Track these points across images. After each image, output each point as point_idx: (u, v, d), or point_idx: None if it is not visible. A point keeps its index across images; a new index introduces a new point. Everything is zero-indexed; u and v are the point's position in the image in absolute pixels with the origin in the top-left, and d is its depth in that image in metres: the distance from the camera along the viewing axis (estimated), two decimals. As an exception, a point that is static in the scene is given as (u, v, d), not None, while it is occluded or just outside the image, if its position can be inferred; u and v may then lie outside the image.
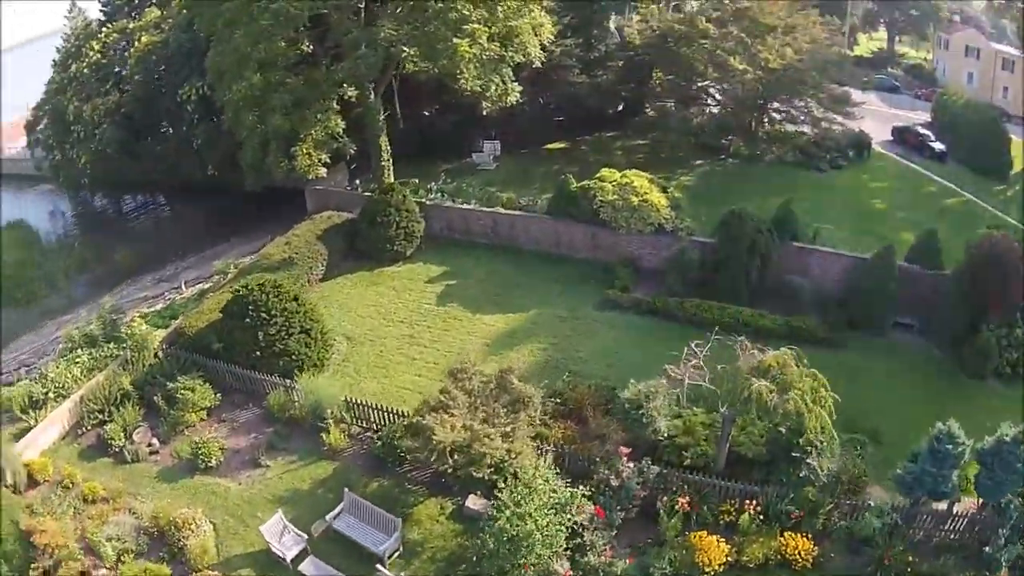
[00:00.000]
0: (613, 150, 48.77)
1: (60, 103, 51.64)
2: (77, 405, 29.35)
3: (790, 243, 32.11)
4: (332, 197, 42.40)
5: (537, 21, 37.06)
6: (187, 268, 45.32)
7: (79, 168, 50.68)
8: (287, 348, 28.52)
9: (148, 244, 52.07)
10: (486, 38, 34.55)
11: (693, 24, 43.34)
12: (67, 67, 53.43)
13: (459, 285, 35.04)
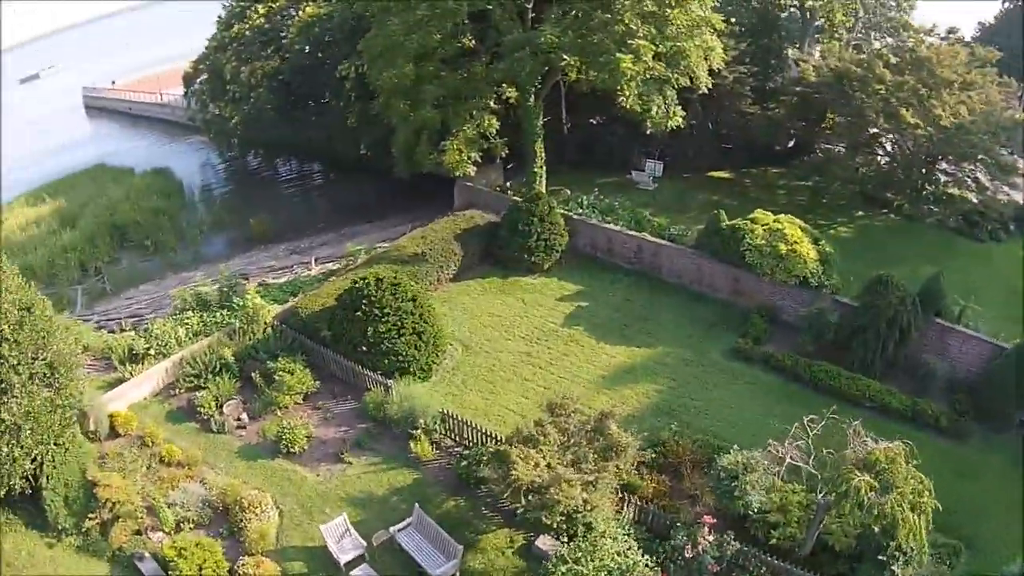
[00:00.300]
0: (777, 187, 49.27)
1: (219, 61, 57.10)
2: (176, 366, 32.83)
3: (933, 319, 31.81)
4: (480, 196, 44.97)
5: (708, 45, 37.83)
6: (323, 244, 49.18)
7: (230, 127, 56.13)
8: (395, 348, 30.75)
9: (291, 212, 56.73)
10: (651, 56, 35.78)
11: (870, 68, 43.77)
12: (230, 25, 58.90)
13: (589, 308, 36.49)
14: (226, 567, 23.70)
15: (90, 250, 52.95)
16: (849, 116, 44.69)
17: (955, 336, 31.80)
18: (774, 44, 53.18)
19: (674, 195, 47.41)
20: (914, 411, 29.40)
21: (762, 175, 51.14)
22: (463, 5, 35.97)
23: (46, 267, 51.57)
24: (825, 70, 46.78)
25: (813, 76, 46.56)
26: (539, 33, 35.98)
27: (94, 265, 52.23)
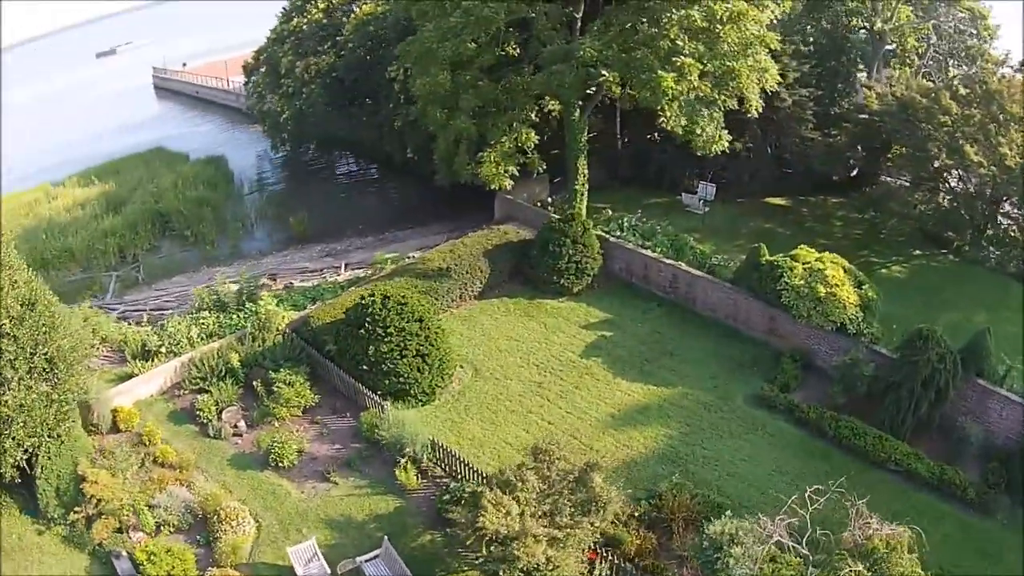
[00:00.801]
0: (834, 218, 47.63)
1: (276, 54, 58.15)
2: (184, 366, 33.61)
3: (974, 379, 29.99)
4: (520, 209, 44.72)
5: (761, 65, 36.52)
6: (359, 248, 49.62)
7: (281, 121, 56.96)
8: (396, 369, 30.62)
9: (335, 211, 57.33)
10: (697, 75, 34.62)
11: (937, 99, 42.08)
12: (290, 18, 59.88)
13: (613, 339, 35.70)
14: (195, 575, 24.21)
15: (131, 236, 54.61)
16: (911, 148, 43.22)
17: (996, 399, 29.92)
18: (842, 67, 52.08)
19: (725, 220, 46.19)
20: (941, 479, 27.75)
21: (821, 204, 49.48)
22: (500, 13, 35.33)
23: (85, 251, 53.46)
24: (890, 98, 45.31)
25: (876, 104, 45.08)
26: (579, 46, 35.23)
27: (133, 252, 53.69)
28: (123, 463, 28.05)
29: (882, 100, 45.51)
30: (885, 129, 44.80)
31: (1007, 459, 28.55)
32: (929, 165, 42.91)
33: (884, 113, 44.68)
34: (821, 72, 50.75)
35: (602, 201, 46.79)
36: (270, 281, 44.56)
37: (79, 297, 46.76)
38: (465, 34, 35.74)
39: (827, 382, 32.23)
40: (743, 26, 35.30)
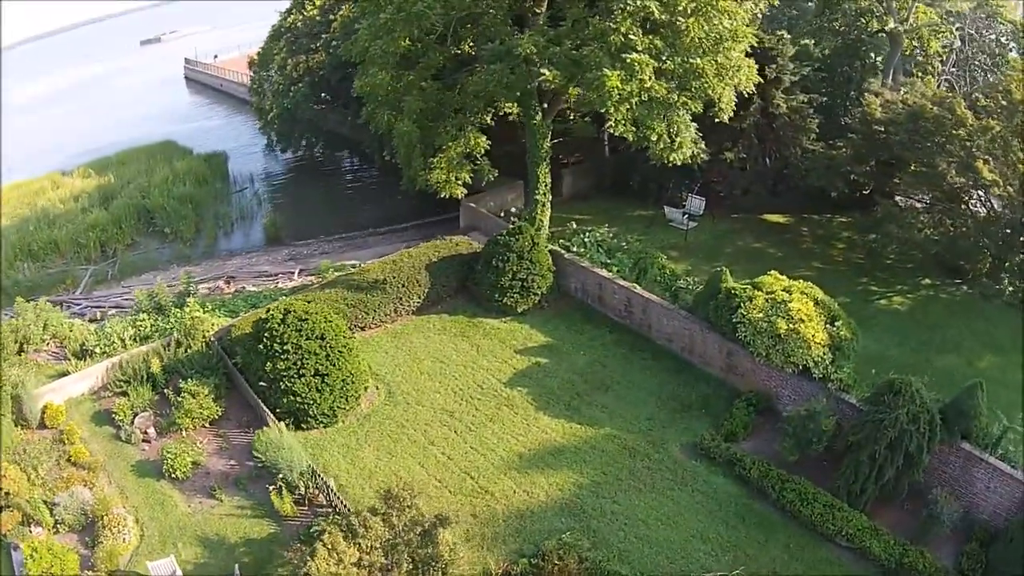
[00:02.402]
0: (836, 239, 42.88)
1: (271, 51, 56.14)
2: (113, 367, 32.87)
3: (959, 441, 25.14)
4: (483, 219, 41.89)
5: (733, 63, 32.22)
6: (324, 253, 47.07)
7: (269, 119, 54.93)
8: (293, 388, 28.34)
9: (314, 212, 55.26)
10: (650, 73, 30.40)
11: (950, 108, 36.95)
12: (289, 14, 57.87)
13: (547, 367, 32.16)
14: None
15: (113, 231, 53.24)
16: (919, 164, 38.28)
17: (983, 468, 25.01)
18: (855, 72, 48.11)
19: (710, 238, 42.20)
20: (900, 562, 23.16)
21: (825, 223, 44.76)
22: (435, 8, 31.99)
23: (69, 243, 52.30)
24: (899, 106, 40.37)
25: (879, 112, 40.20)
26: (517, 42, 31.64)
27: (113, 247, 52.25)
28: (35, 459, 28.36)
29: (889, 108, 40.66)
30: (891, 142, 39.78)
31: (989, 541, 23.97)
32: (941, 183, 37.75)
33: (890, 123, 39.85)
34: (832, 78, 47.21)
35: (584, 212, 43.37)
36: (224, 285, 42.42)
37: (53, 290, 46.62)
38: (398, 31, 32.65)
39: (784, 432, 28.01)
40: (711, 19, 31.22)
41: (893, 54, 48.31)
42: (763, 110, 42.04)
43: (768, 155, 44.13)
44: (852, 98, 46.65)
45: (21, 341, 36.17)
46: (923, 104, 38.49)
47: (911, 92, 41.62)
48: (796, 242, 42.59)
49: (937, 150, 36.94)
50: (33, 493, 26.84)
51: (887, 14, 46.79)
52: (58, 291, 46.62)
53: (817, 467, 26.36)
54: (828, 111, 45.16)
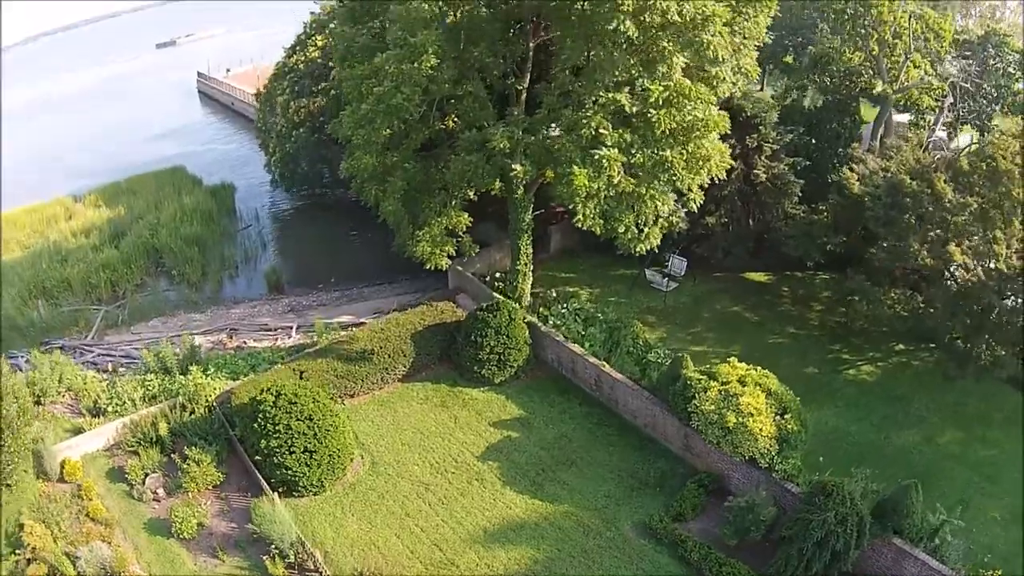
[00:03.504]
0: (816, 299, 47.06)
1: (274, 91, 60.89)
2: (125, 427, 38.37)
3: (891, 536, 29.36)
4: (469, 282, 46.47)
5: (704, 152, 35.06)
6: (322, 305, 52.16)
7: (272, 161, 59.85)
8: (284, 463, 33.37)
9: (314, 258, 60.22)
10: (619, 168, 34.00)
11: (930, 183, 39.60)
12: (293, 54, 62.50)
13: (518, 441, 36.93)
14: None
15: (123, 271, 58.40)
16: (891, 240, 41.10)
17: (913, 562, 28.61)
18: (844, 129, 51.15)
19: (690, 300, 46.59)
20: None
21: (808, 280, 48.72)
22: (414, 99, 35.67)
23: (81, 282, 57.59)
24: (880, 175, 43.42)
25: (856, 187, 43.30)
26: (491, 135, 35.95)
27: (123, 288, 57.48)
28: (57, 515, 33.13)
29: (868, 182, 43.73)
30: (868, 216, 42.56)
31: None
32: (913, 263, 40.24)
33: (868, 196, 42.70)
34: (820, 132, 50.26)
35: (569, 270, 47.78)
36: (227, 339, 47.56)
37: (66, 331, 52.07)
38: (379, 122, 36.47)
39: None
40: (684, 108, 34.06)
41: (882, 114, 52.18)
42: (745, 176, 46.07)
43: (751, 216, 48.13)
44: (841, 155, 50.08)
45: (39, 394, 41.47)
46: (902, 179, 41.12)
47: (895, 159, 44.58)
48: (774, 304, 46.92)
49: (911, 229, 39.57)
50: (56, 547, 31.19)
51: (876, 77, 50.54)
52: (71, 333, 51.87)
53: (758, 551, 30.59)
54: (815, 167, 48.65)
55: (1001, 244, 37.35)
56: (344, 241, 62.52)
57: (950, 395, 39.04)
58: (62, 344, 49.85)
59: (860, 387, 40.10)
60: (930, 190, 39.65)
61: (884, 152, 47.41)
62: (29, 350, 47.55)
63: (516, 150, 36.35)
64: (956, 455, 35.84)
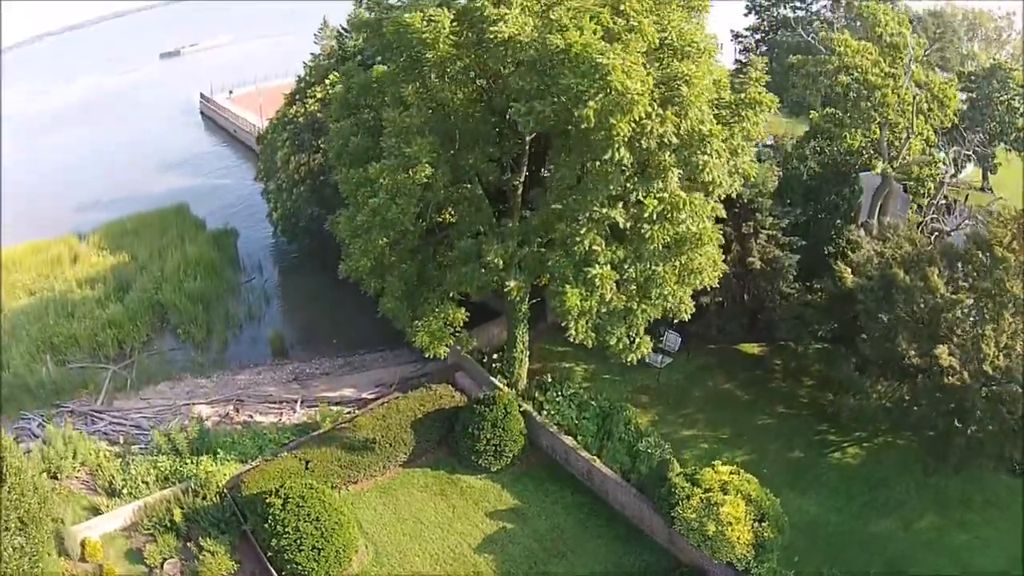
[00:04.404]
0: (806, 374, 50.44)
1: (274, 142, 64.60)
2: (141, 509, 42.37)
3: None
4: (468, 361, 50.28)
5: (695, 265, 38.76)
6: (325, 374, 56.24)
7: (274, 218, 63.75)
8: (294, 559, 37.48)
9: (318, 317, 64.03)
10: (611, 286, 37.43)
11: (923, 275, 41.91)
12: (292, 104, 66.10)
13: (512, 532, 40.94)
14: None
15: (130, 328, 62.41)
16: (880, 335, 43.43)
17: None
18: (843, 201, 53.86)
19: (683, 377, 50.44)
20: None
21: (802, 353, 51.71)
22: (408, 210, 38.65)
23: (89, 339, 61.47)
24: (875, 261, 46.16)
25: (850, 281, 46.14)
26: (486, 251, 39.42)
27: (130, 346, 61.51)
28: None
29: (862, 269, 46.33)
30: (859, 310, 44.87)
31: None
32: (900, 360, 42.08)
33: (861, 289, 45.00)
34: (817, 206, 53.16)
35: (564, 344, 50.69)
36: (234, 413, 51.57)
37: (75, 394, 55.80)
38: (375, 233, 39.87)
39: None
40: (677, 220, 36.63)
41: (881, 189, 54.96)
42: (741, 259, 49.73)
43: (746, 292, 51.63)
44: (839, 226, 52.94)
45: (55, 471, 45.37)
46: (895, 272, 43.31)
47: (891, 241, 47.20)
48: (766, 379, 50.68)
49: (902, 324, 41.94)
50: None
51: (876, 156, 53.46)
52: (80, 396, 55.73)
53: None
54: (813, 237, 51.70)
55: (989, 342, 39.79)
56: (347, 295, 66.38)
57: (932, 477, 42.15)
58: (72, 409, 53.83)
59: (843, 472, 43.92)
60: (923, 282, 42.04)
61: (881, 232, 50.27)
62: (42, 415, 51.88)
63: (511, 264, 39.91)
64: (932, 542, 39.66)
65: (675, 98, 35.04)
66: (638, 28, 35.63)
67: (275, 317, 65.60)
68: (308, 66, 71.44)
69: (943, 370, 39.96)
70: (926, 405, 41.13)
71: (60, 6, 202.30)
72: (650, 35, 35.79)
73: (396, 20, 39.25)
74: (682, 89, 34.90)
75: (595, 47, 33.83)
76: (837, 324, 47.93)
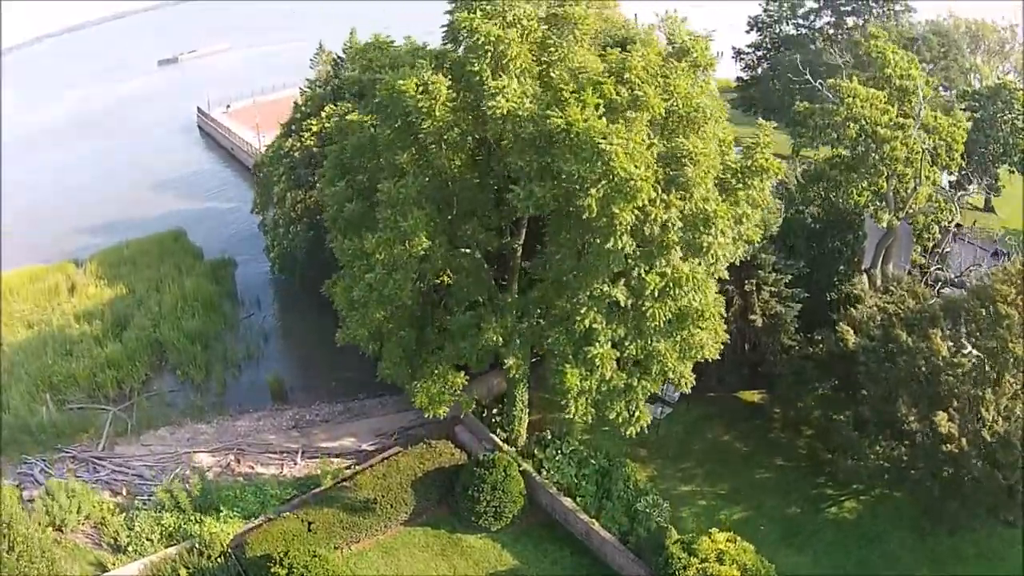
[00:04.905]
0: (806, 423, 51.10)
1: (270, 177, 65.63)
2: (146, 567, 43.41)
3: None
4: (469, 418, 51.05)
5: (697, 340, 39.11)
6: (325, 421, 57.33)
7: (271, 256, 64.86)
8: None
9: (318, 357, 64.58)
10: (612, 366, 37.95)
11: (925, 335, 42.42)
12: (287, 135, 66.96)
13: (504, 596, 42.36)
14: None
15: (128, 367, 63.64)
16: (879, 396, 44.00)
17: None
18: (847, 247, 54.11)
19: (682, 429, 51.37)
20: None
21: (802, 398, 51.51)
22: (404, 288, 39.06)
23: (88, 379, 62.86)
24: (877, 319, 46.72)
25: (851, 342, 46.56)
26: (484, 328, 40.33)
27: (129, 385, 62.78)
28: None
29: (864, 327, 46.82)
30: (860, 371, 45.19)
31: None
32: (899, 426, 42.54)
33: (862, 349, 45.39)
34: (820, 252, 53.44)
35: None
36: (235, 463, 52.71)
37: (76, 437, 57.01)
38: (371, 307, 40.40)
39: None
40: (680, 298, 36.72)
41: (887, 238, 55.42)
42: (742, 312, 50.60)
43: (747, 342, 52.47)
44: (842, 273, 53.48)
45: (60, 524, 46.67)
46: (897, 333, 43.88)
47: (895, 295, 48.20)
48: (766, 429, 51.51)
49: (902, 385, 42.47)
50: None
51: (883, 210, 53.41)
52: (81, 440, 56.84)
53: None
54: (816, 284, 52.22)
55: (989, 406, 40.48)
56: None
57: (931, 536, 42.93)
58: (74, 455, 55.02)
59: (840, 527, 44.91)
60: (925, 343, 42.51)
61: (885, 284, 51.27)
62: (44, 459, 53.28)
63: (510, 340, 40.75)
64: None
65: (679, 178, 35.02)
66: (643, 101, 35.00)
67: (274, 355, 66.79)
68: (304, 92, 72.34)
69: (942, 438, 40.52)
70: (923, 468, 41.85)
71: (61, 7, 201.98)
72: (656, 107, 35.29)
73: (389, 84, 38.30)
74: (687, 169, 34.86)
75: (597, 129, 33.20)
76: (837, 380, 48.86)
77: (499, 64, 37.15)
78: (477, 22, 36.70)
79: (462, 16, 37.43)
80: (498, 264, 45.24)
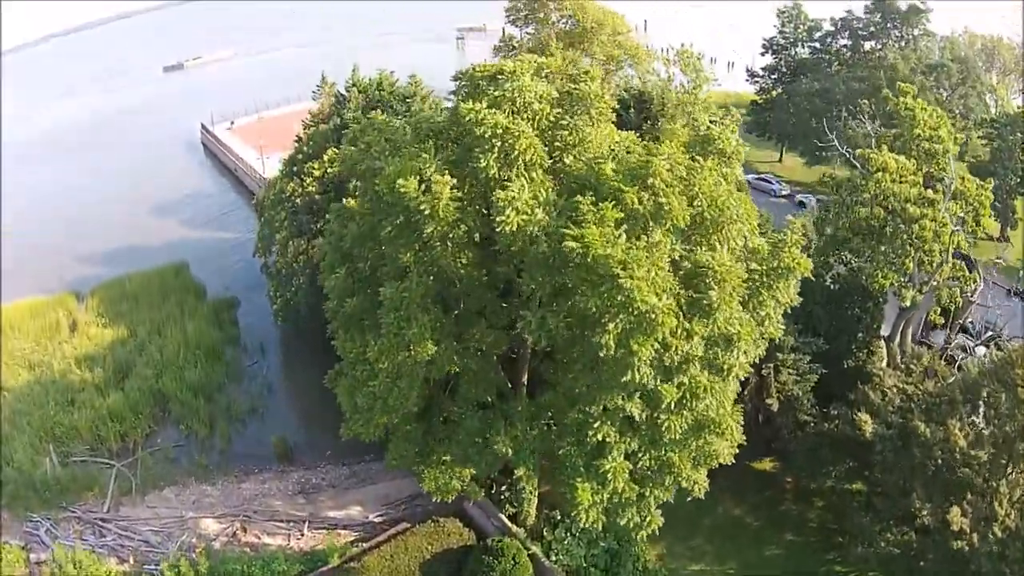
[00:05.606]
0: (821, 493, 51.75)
1: (273, 221, 65.87)
2: None
3: None
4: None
5: (712, 448, 38.24)
6: (331, 486, 57.80)
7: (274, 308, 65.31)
8: None
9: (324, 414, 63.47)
10: (625, 479, 37.84)
11: (943, 424, 42.79)
12: (289, 178, 67.07)
13: None
14: None
15: (131, 419, 64.07)
16: (892, 488, 44.67)
17: None
18: (865, 314, 54.54)
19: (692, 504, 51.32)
20: None
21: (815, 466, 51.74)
22: (409, 396, 38.90)
23: (91, 431, 63.36)
24: (896, 403, 47.05)
25: (868, 431, 46.55)
26: (493, 439, 40.25)
27: (132, 439, 63.26)
28: None
29: (882, 410, 47.17)
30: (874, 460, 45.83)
31: None
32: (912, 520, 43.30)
33: (879, 438, 45.74)
34: (838, 317, 53.91)
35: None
36: (241, 532, 53.32)
37: (81, 495, 57.42)
38: (376, 414, 40.30)
39: None
40: (697, 408, 35.86)
41: (905, 313, 55.27)
42: (758, 390, 51.01)
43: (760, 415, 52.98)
44: (860, 341, 53.87)
45: (70, 599, 47.58)
46: (915, 425, 44.17)
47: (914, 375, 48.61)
48: (777, 501, 52.11)
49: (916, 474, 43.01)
50: None
51: (907, 287, 52.36)
52: (86, 498, 57.37)
53: None
54: (833, 351, 52.57)
55: (1002, 499, 41.01)
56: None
57: None
58: (79, 515, 55.57)
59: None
60: (942, 431, 42.96)
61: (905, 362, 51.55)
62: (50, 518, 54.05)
63: (520, 450, 40.81)
64: None
65: (703, 300, 33.10)
66: (667, 211, 32.85)
67: (278, 408, 67.26)
68: (307, 127, 72.31)
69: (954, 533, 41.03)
70: (933, 560, 42.46)
71: (64, 7, 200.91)
72: (680, 217, 33.21)
73: (388, 180, 36.26)
74: (711, 293, 32.98)
75: (616, 259, 31.29)
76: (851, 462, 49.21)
77: (507, 158, 35.14)
78: (483, 114, 34.91)
79: (466, 107, 35.77)
80: (506, 363, 44.46)
